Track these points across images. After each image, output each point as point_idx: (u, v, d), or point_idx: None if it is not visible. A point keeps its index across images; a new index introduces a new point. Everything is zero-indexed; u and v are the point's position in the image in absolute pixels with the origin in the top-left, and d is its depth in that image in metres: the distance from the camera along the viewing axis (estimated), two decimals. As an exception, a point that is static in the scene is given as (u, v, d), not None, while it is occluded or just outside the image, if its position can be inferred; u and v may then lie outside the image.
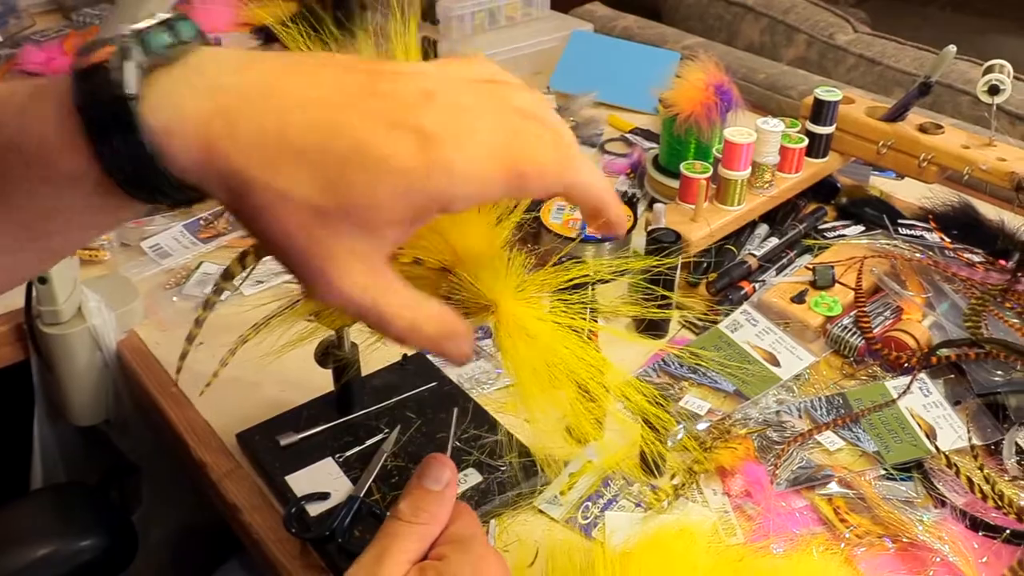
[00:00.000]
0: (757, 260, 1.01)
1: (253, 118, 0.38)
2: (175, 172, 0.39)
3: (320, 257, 0.40)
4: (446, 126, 0.40)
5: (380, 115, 0.39)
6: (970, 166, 1.01)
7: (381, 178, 0.39)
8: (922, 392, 0.85)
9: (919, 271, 0.99)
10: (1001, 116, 1.03)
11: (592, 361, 0.56)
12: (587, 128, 1.37)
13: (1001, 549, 0.70)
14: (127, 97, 0.37)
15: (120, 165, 0.38)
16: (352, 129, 0.39)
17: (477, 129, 0.41)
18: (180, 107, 0.38)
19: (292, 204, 0.39)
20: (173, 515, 1.06)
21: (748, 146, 0.99)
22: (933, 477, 0.76)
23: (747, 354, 0.90)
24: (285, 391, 0.85)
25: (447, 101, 0.41)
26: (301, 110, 0.39)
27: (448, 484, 0.53)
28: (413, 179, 0.39)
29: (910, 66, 1.60)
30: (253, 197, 0.39)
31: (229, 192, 0.39)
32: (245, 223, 0.41)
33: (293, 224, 0.39)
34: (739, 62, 1.59)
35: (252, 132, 0.38)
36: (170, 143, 0.38)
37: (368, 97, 0.40)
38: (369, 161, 0.39)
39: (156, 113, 0.38)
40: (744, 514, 0.75)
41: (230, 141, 0.38)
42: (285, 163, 0.38)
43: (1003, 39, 2.71)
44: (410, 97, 0.40)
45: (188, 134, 0.38)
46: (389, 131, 0.39)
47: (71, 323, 0.92)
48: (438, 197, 0.40)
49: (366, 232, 0.40)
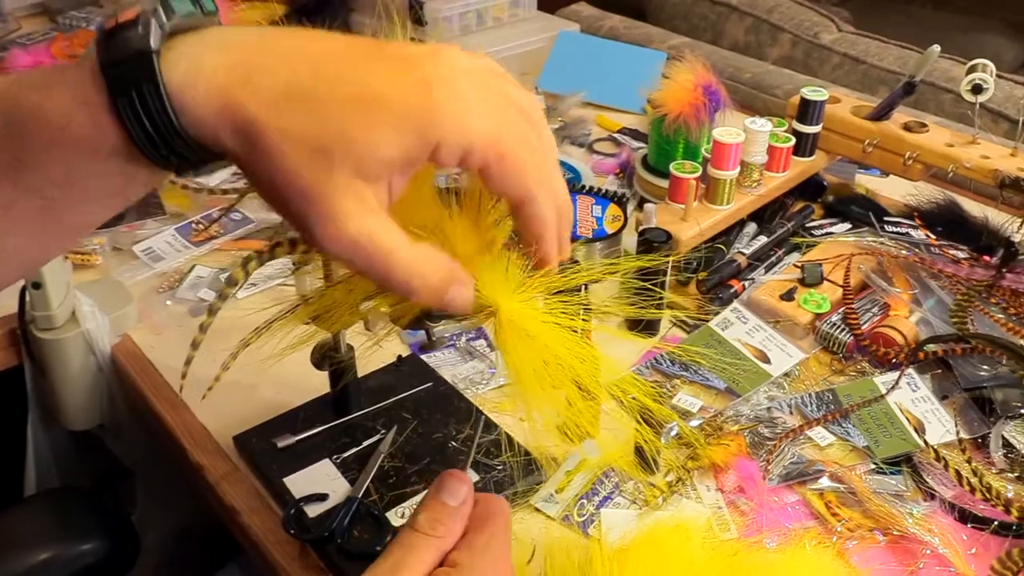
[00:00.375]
0: (746, 258, 1.02)
1: (266, 70, 0.41)
2: (190, 127, 0.41)
3: (323, 198, 0.42)
4: (446, 80, 0.42)
5: (387, 67, 0.42)
6: (954, 164, 1.03)
7: (376, 116, 0.41)
8: (910, 387, 0.87)
9: (905, 268, 1.01)
10: (984, 114, 1.05)
11: (589, 360, 0.56)
12: (575, 128, 1.38)
13: (989, 540, 0.72)
14: (149, 51, 0.40)
15: (138, 120, 0.41)
16: (357, 76, 0.42)
17: (474, 97, 0.43)
18: (198, 62, 0.41)
19: (295, 144, 0.41)
20: (168, 519, 1.06)
21: (737, 146, 1.01)
22: (922, 471, 0.78)
23: (738, 352, 0.91)
24: (281, 393, 0.86)
25: (452, 64, 0.43)
26: (311, 63, 0.42)
27: (465, 500, 0.54)
28: (406, 114, 0.41)
29: (894, 64, 1.62)
30: (261, 141, 0.41)
31: (240, 140, 0.42)
32: (253, 172, 0.43)
33: (297, 165, 0.41)
34: (725, 61, 1.60)
35: (265, 82, 0.41)
36: (185, 96, 0.41)
37: (376, 55, 0.43)
38: (367, 102, 0.41)
39: (174, 68, 0.41)
40: (737, 509, 0.76)
41: (243, 90, 0.41)
42: (292, 107, 0.41)
43: (985, 37, 2.74)
44: (417, 57, 0.43)
45: (204, 86, 0.41)
46: (392, 76, 0.42)
47: (65, 328, 0.92)
48: (427, 136, 0.42)
49: (363, 175, 0.42)
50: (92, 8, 1.75)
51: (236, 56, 0.41)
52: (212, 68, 0.41)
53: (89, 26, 1.68)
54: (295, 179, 0.42)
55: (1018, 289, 0.93)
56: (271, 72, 0.41)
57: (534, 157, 0.45)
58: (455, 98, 0.42)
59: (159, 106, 0.40)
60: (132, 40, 0.40)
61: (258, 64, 0.41)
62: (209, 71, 0.41)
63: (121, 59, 0.41)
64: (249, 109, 0.41)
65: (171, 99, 0.40)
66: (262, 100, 0.41)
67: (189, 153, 0.43)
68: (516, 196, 0.46)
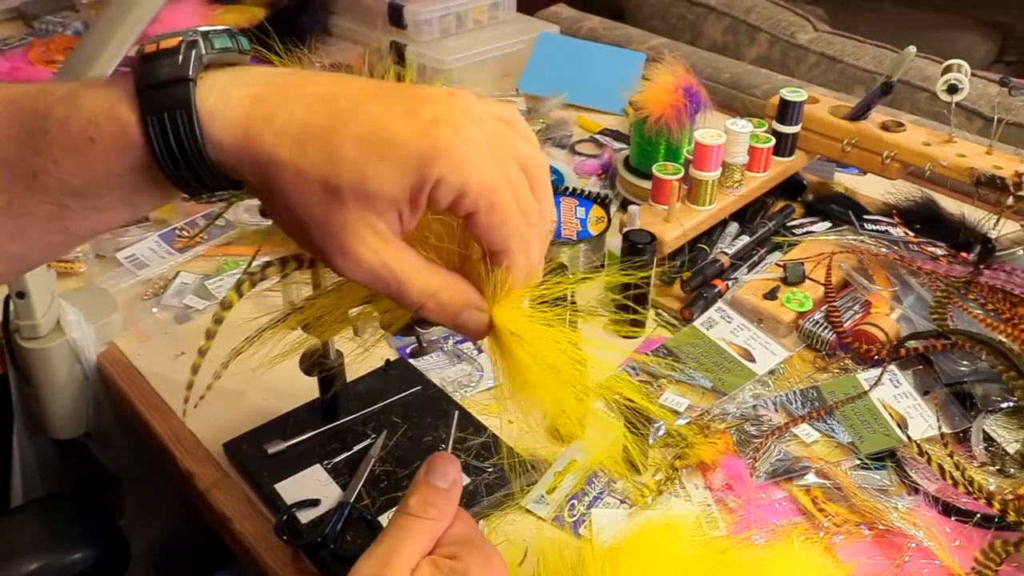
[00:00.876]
0: (729, 258, 1.03)
1: (286, 106, 0.44)
2: (214, 153, 0.44)
3: (337, 227, 0.44)
4: (452, 122, 0.44)
5: (399, 108, 0.44)
6: (931, 162, 1.04)
7: (382, 152, 0.43)
8: (892, 383, 0.88)
9: (885, 265, 1.02)
10: (959, 112, 1.07)
11: (579, 361, 0.57)
12: (557, 130, 1.39)
13: (972, 533, 0.73)
14: (187, 79, 0.43)
15: (165, 141, 0.43)
16: (370, 116, 0.44)
17: (477, 142, 0.44)
18: (227, 94, 0.44)
19: (308, 181, 0.43)
20: (156, 527, 1.06)
21: (718, 147, 1.02)
22: (906, 465, 0.79)
23: (723, 351, 0.92)
24: (269, 399, 0.86)
25: (462, 108, 0.45)
26: (329, 102, 0.44)
27: (454, 482, 0.55)
28: (410, 152, 0.43)
29: (870, 64, 1.64)
30: (279, 177, 0.44)
31: (259, 172, 0.44)
32: (271, 203, 0.46)
33: (311, 200, 0.44)
34: (704, 62, 1.61)
35: (283, 118, 0.43)
36: (213, 124, 0.43)
37: (392, 96, 0.45)
38: (377, 141, 0.43)
39: (206, 98, 0.43)
40: (726, 507, 0.77)
41: (264, 125, 0.43)
42: (308, 144, 0.43)
43: (957, 34, 2.78)
44: (430, 99, 0.45)
45: (230, 117, 0.43)
46: (403, 117, 0.44)
47: (50, 337, 0.92)
48: (427, 173, 0.43)
49: (372, 208, 0.44)
50: (68, 13, 1.73)
51: (262, 92, 0.44)
52: (239, 100, 0.44)
53: (65, 31, 1.66)
54: (310, 213, 0.44)
55: (995, 285, 0.95)
56: (292, 109, 0.44)
57: (520, 215, 0.47)
58: (459, 140, 0.44)
59: (189, 130, 0.43)
60: (172, 67, 0.43)
61: (281, 102, 0.44)
62: (236, 103, 0.44)
63: (159, 83, 0.43)
64: (268, 143, 0.43)
65: (200, 126, 0.43)
66: (281, 136, 0.43)
67: (209, 178, 0.45)
68: (493, 248, 0.47)
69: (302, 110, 0.44)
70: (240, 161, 0.44)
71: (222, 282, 1.03)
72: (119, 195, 0.46)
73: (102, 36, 0.77)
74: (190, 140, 0.43)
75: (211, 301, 1.01)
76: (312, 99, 0.44)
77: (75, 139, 0.44)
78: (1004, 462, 0.80)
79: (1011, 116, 1.39)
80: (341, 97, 0.44)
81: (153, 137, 0.43)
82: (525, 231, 0.47)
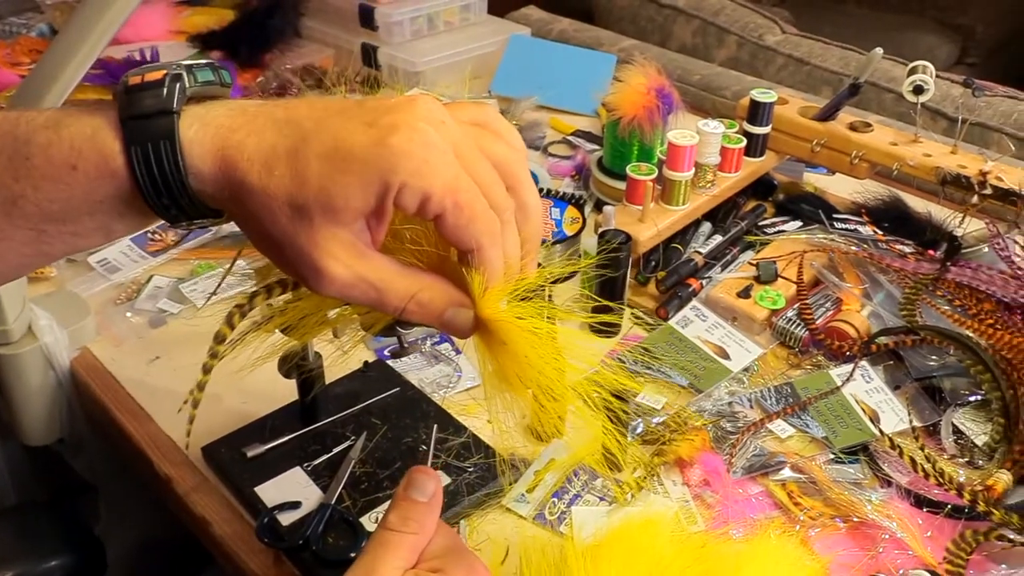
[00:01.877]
0: (703, 257, 1.05)
1: (256, 133, 0.45)
2: (194, 182, 0.45)
3: (308, 246, 0.45)
4: (411, 128, 0.44)
5: (359, 120, 0.45)
6: (898, 162, 1.06)
7: (342, 166, 0.44)
8: (864, 379, 0.90)
9: (855, 263, 1.04)
10: (924, 113, 1.09)
11: (558, 360, 0.58)
12: (530, 131, 1.40)
13: (944, 523, 0.75)
14: (171, 111, 0.44)
15: (148, 170, 0.44)
16: (331, 133, 0.44)
17: (438, 145, 0.45)
18: (206, 125, 0.45)
19: (277, 203, 0.44)
20: (131, 533, 1.05)
21: (691, 148, 1.03)
22: (878, 459, 0.80)
23: (698, 349, 0.94)
24: (248, 402, 0.85)
25: (422, 113, 0.45)
26: (296, 125, 0.45)
27: (434, 495, 0.55)
28: (369, 162, 0.44)
29: (836, 65, 1.66)
30: (250, 201, 0.45)
31: (234, 200, 0.45)
32: (246, 226, 0.47)
33: (281, 221, 0.45)
34: (674, 63, 1.63)
35: (254, 144, 0.44)
36: (193, 154, 0.44)
37: (355, 109, 0.45)
38: (338, 156, 0.44)
39: (187, 129, 0.45)
40: (704, 503, 0.78)
41: (238, 152, 0.44)
42: (275, 167, 0.44)
43: (919, 36, 2.83)
44: (389, 108, 0.45)
45: (208, 147, 0.44)
46: (362, 129, 0.44)
47: (21, 343, 0.91)
48: (389, 181, 0.44)
49: (338, 222, 0.45)
50: (33, 14, 1.71)
51: (237, 121, 0.45)
52: (215, 130, 0.45)
53: (30, 32, 1.64)
54: (281, 234, 0.45)
55: (962, 282, 0.97)
56: (262, 135, 0.45)
57: (489, 213, 0.47)
58: (416, 144, 0.44)
59: (172, 160, 0.44)
60: (156, 99, 0.45)
61: (253, 129, 0.45)
62: (213, 133, 0.45)
63: (143, 114, 0.44)
64: (240, 169, 0.44)
65: (181, 156, 0.44)
66: (252, 161, 0.44)
67: (189, 207, 0.46)
68: (463, 247, 0.48)
69: (271, 135, 0.45)
70: (218, 189, 0.45)
71: (196, 285, 1.03)
72: (98, 221, 0.47)
73: (73, 39, 0.77)
74: (173, 170, 0.44)
75: (185, 305, 1.00)
76: (280, 123, 0.45)
77: (57, 166, 0.44)
78: (973, 454, 0.82)
79: (974, 116, 1.42)
80: (306, 118, 0.45)
81: (136, 167, 0.44)
82: (495, 228, 0.47)
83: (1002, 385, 0.85)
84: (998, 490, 0.76)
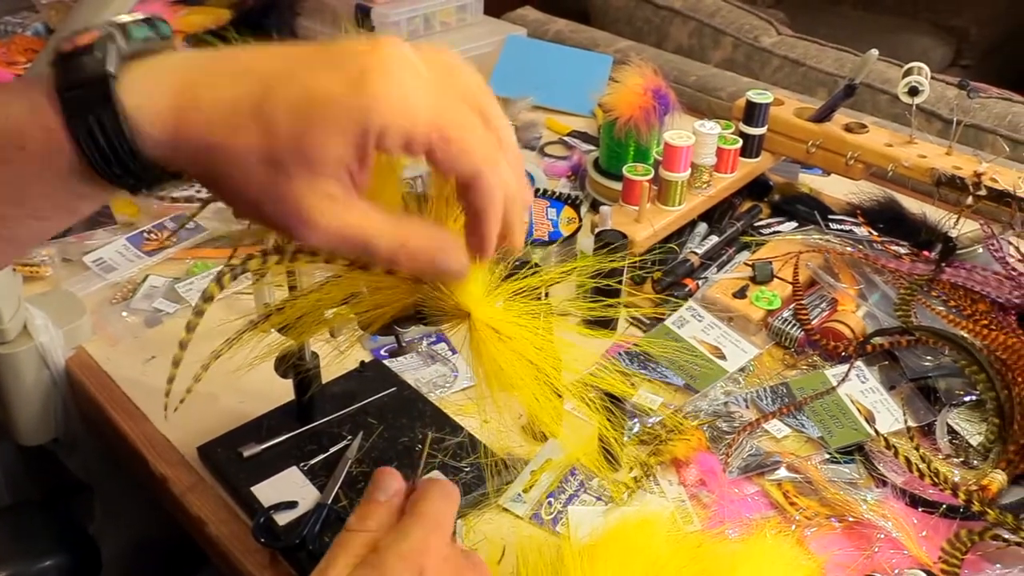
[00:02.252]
0: (699, 258, 1.05)
1: (211, 87, 0.42)
2: (146, 148, 0.42)
3: (291, 200, 0.42)
4: (382, 69, 0.42)
5: (326, 68, 0.42)
6: (893, 163, 1.07)
7: (316, 116, 0.41)
8: (859, 379, 0.90)
9: (851, 264, 1.04)
10: (918, 114, 1.09)
11: (555, 360, 0.58)
12: (527, 132, 1.40)
13: (939, 523, 0.75)
14: (106, 76, 0.41)
15: (95, 143, 0.41)
16: (299, 82, 0.42)
17: (411, 83, 0.42)
18: (151, 85, 0.42)
19: (248, 161, 0.42)
20: (126, 533, 1.05)
21: (687, 148, 1.03)
22: (874, 459, 0.81)
23: (694, 349, 0.94)
24: (244, 402, 0.85)
25: (391, 54, 0.43)
26: (257, 76, 0.42)
27: (396, 492, 0.55)
28: (344, 108, 0.41)
29: (831, 67, 1.67)
30: (218, 162, 0.42)
31: (198, 163, 0.42)
32: (216, 188, 0.44)
33: (256, 179, 0.42)
34: (670, 64, 1.63)
35: (210, 100, 0.42)
36: (141, 118, 0.41)
37: (318, 58, 0.43)
38: (309, 105, 0.41)
39: (130, 92, 0.41)
40: (700, 502, 0.78)
41: (193, 111, 0.41)
42: (241, 123, 0.41)
43: (913, 37, 2.84)
44: (356, 48, 0.43)
45: (156, 108, 0.41)
46: (331, 75, 0.41)
47: (16, 342, 0.90)
48: (368, 125, 0.41)
49: (318, 172, 0.42)
50: (28, 13, 1.70)
51: (187, 77, 0.42)
52: (164, 90, 0.42)
53: (25, 31, 1.64)
54: (259, 191, 0.42)
55: (957, 283, 0.97)
56: (217, 89, 0.42)
57: (479, 139, 0.45)
58: (391, 85, 0.42)
59: (116, 129, 0.41)
60: (90, 65, 0.41)
61: (208, 83, 0.42)
62: (160, 93, 0.42)
63: (79, 82, 0.41)
64: (199, 129, 0.42)
65: (126, 122, 0.41)
66: (212, 119, 0.41)
67: (144, 174, 0.43)
68: (463, 175, 0.45)
69: (228, 87, 0.42)
70: (174, 152, 0.42)
71: (192, 285, 1.02)
72: (56, 200, 0.45)
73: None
74: (118, 137, 0.41)
75: (181, 304, 1.00)
76: (237, 74, 0.42)
77: (6, 148, 0.42)
78: (968, 454, 0.82)
79: (969, 118, 1.43)
80: (267, 68, 0.42)
81: (81, 139, 0.41)
82: (493, 152, 0.45)
83: (996, 385, 0.85)
84: (993, 490, 0.76)
